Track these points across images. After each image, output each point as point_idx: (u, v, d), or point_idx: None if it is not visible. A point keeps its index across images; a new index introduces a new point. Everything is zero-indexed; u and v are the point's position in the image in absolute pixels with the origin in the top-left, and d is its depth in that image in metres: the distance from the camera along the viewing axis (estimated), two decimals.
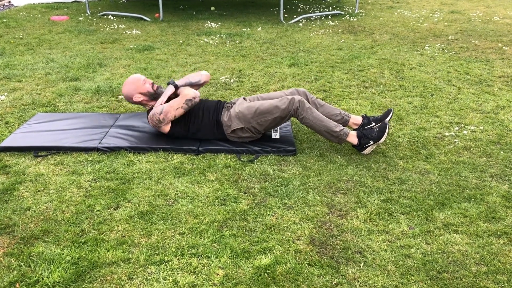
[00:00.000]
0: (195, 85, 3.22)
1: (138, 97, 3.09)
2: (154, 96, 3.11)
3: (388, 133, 3.05)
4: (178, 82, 3.13)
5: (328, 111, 3.17)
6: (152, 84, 3.11)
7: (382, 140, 2.92)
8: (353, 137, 2.96)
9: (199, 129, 3.11)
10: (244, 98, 3.24)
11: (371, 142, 2.94)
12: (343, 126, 3.09)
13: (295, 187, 2.66)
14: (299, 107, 2.94)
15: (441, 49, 5.70)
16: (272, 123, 3.01)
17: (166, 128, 3.10)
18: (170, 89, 3.07)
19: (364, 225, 2.33)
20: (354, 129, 3.16)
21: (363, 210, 2.46)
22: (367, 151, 2.99)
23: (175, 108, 2.99)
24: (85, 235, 2.24)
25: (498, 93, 4.15)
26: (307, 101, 3.17)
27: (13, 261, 2.07)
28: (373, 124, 3.16)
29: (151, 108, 3.12)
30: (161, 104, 3.03)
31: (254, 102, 3.12)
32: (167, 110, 2.99)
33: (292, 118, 3.57)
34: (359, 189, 2.65)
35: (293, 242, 2.21)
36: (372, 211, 2.44)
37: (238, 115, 3.04)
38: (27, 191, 2.60)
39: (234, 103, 3.19)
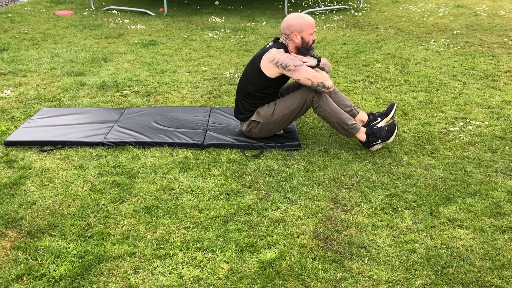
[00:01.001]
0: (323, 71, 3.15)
1: (296, 38, 2.91)
2: (303, 50, 2.96)
3: (396, 133, 3.02)
4: (321, 60, 3.08)
5: (339, 99, 3.15)
6: (313, 41, 2.97)
7: (391, 140, 2.91)
8: (362, 134, 2.96)
9: (255, 107, 3.05)
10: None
11: (379, 141, 2.94)
12: None
13: (299, 182, 2.66)
14: (315, 95, 2.93)
15: (446, 43, 5.67)
16: (290, 116, 2.99)
17: (274, 74, 2.92)
18: (312, 61, 2.99)
19: (369, 220, 2.34)
20: (362, 126, 3.15)
21: (367, 205, 2.46)
22: (374, 148, 2.99)
23: (307, 76, 2.85)
24: (91, 229, 2.26)
25: (504, 88, 4.13)
26: None
27: (20, 254, 2.09)
28: (379, 119, 3.15)
29: (282, 46, 2.96)
30: (302, 61, 2.92)
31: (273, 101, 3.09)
32: (301, 70, 2.84)
33: None
34: (363, 184, 2.65)
35: (298, 237, 2.21)
36: (376, 206, 2.45)
37: (259, 111, 3.03)
38: (33, 186, 2.62)
39: None
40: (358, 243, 2.17)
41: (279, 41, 3.00)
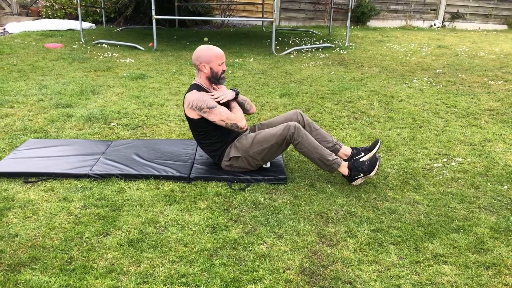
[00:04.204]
0: (244, 110, 3.25)
1: (205, 68, 3.01)
2: (214, 80, 3.05)
3: (378, 167, 3.08)
4: (239, 96, 3.15)
5: (321, 136, 3.20)
6: (223, 71, 3.07)
7: (373, 173, 2.95)
8: (344, 168, 3.00)
9: (217, 147, 3.11)
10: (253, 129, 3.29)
11: (361, 175, 2.97)
12: None
13: (285, 216, 2.67)
14: (294, 132, 2.97)
15: (429, 82, 5.83)
16: (270, 151, 3.03)
17: (197, 116, 3.00)
18: (230, 94, 3.06)
19: (355, 255, 2.34)
20: (345, 160, 3.19)
21: (353, 240, 2.46)
22: (357, 182, 3.02)
23: (221, 118, 2.95)
24: (73, 263, 2.21)
25: (485, 126, 4.24)
26: (303, 121, 3.22)
27: None
28: (362, 154, 3.20)
29: (199, 86, 3.05)
30: (214, 99, 2.99)
31: (253, 133, 3.15)
32: (215, 112, 2.94)
33: None
34: (349, 219, 2.66)
35: (284, 272, 2.20)
36: (362, 241, 2.45)
37: (236, 145, 3.07)
38: (15, 217, 2.57)
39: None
40: (344, 279, 2.16)
41: (193, 82, 3.11)
